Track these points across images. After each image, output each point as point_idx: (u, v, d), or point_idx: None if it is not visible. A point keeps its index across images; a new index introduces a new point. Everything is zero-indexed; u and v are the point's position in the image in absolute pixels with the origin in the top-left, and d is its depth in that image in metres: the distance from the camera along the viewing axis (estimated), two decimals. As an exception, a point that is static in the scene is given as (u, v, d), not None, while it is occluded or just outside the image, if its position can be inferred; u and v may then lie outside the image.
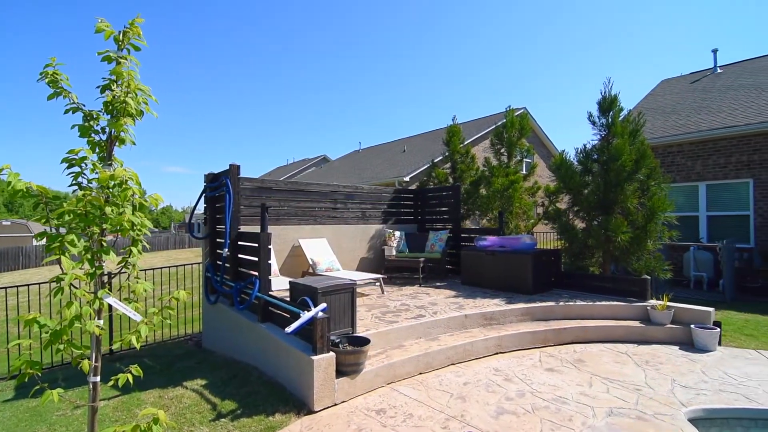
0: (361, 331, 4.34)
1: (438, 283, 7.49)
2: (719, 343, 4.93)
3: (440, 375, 4.16)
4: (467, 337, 4.76)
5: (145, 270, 7.32)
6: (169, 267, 7.91)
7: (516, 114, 10.59)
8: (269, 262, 4.73)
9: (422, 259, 7.35)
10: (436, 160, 11.80)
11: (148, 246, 2.09)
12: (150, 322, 2.07)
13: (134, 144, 2.03)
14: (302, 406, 3.52)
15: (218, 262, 5.73)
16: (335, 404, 3.55)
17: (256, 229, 6.04)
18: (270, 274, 4.82)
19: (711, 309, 5.20)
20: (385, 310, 5.38)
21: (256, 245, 4.68)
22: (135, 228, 1.90)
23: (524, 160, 11.98)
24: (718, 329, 4.92)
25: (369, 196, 8.52)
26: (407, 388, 3.84)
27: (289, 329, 3.64)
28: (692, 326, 4.97)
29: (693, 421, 3.23)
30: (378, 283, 6.63)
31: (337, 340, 3.86)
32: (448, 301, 5.91)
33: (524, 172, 10.93)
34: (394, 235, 8.24)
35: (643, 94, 14.47)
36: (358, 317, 4.83)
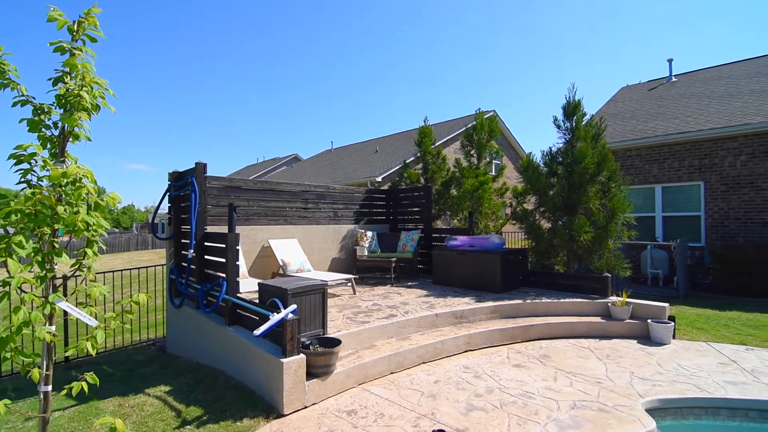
0: (332, 332, 4.30)
1: (410, 283, 7.53)
2: (673, 337, 5.21)
3: (411, 374, 4.19)
4: (438, 336, 4.82)
5: (104, 272, 6.98)
6: (130, 269, 7.57)
7: (486, 116, 10.82)
8: (237, 263, 4.61)
9: (394, 259, 7.37)
10: (408, 161, 11.88)
11: (104, 247, 1.99)
12: (107, 327, 1.97)
13: (89, 140, 1.93)
14: (271, 410, 3.45)
15: (183, 264, 5.53)
16: (305, 407, 3.51)
17: (224, 229, 5.89)
18: (238, 276, 4.70)
19: (666, 304, 5.49)
20: (357, 311, 5.36)
21: (224, 246, 4.55)
22: (90, 228, 1.80)
23: (493, 161, 12.28)
24: (673, 323, 5.21)
25: (341, 196, 8.47)
26: (379, 388, 3.84)
27: (257, 332, 3.56)
28: (649, 321, 5.23)
29: (650, 411, 3.40)
30: (350, 284, 6.60)
31: (308, 342, 3.81)
32: (419, 300, 5.96)
33: (493, 173, 11.19)
34: (366, 235, 8.23)
35: (605, 99, 15.13)
36: (330, 318, 4.79)
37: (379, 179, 16.27)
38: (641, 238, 9.86)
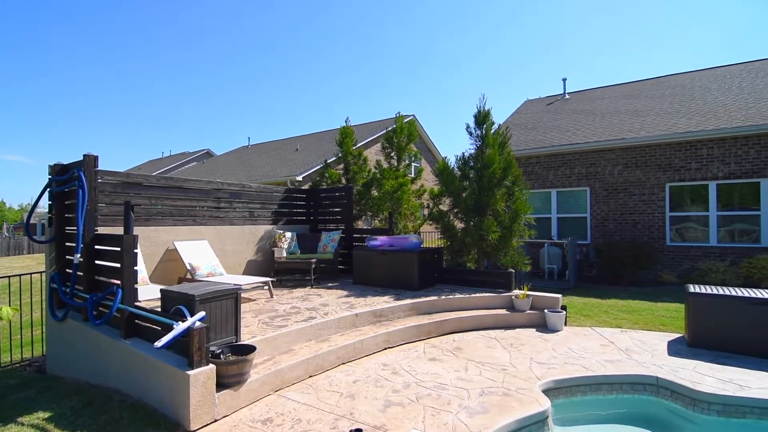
0: (246, 339, 4.08)
1: (330, 284, 7.46)
2: (565, 324, 5.87)
3: (331, 376, 4.14)
4: (358, 336, 4.83)
5: (-41, 283, 5.83)
6: (-3, 278, 6.39)
7: (405, 120, 11.16)
8: (135, 268, 4.14)
9: (314, 260, 7.25)
10: (329, 161, 11.78)
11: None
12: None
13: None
14: (176, 428, 3.16)
15: (68, 271, 4.83)
16: (215, 420, 3.27)
17: (120, 230, 5.28)
18: (136, 282, 4.23)
19: (559, 295, 6.17)
20: (274, 315, 5.16)
21: (119, 249, 4.06)
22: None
23: (412, 164, 12.71)
24: (564, 312, 5.87)
25: (258, 195, 8.10)
26: (296, 393, 3.74)
27: (159, 343, 3.23)
28: (545, 311, 5.83)
29: (545, 391, 3.78)
30: (266, 287, 6.33)
31: (218, 351, 3.57)
32: (339, 301, 5.93)
33: (412, 175, 11.59)
34: (284, 236, 7.97)
35: (511, 110, 16.59)
36: (244, 324, 4.56)
37: (300, 178, 15.90)
38: (539, 236, 10.98)
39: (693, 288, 5.10)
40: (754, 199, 9.17)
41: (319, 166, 13.84)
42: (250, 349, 3.65)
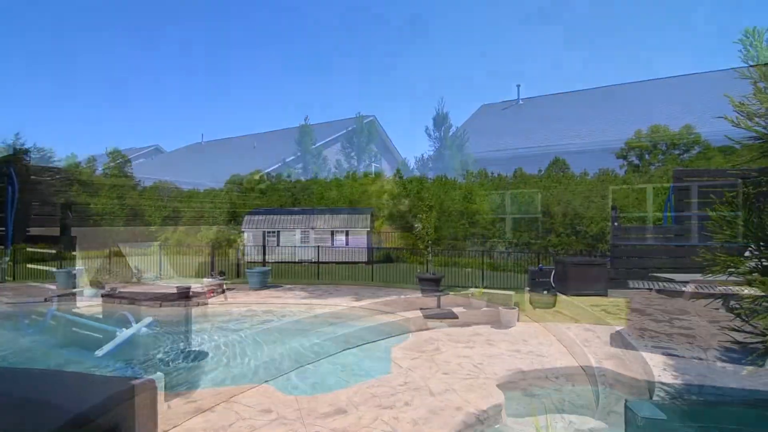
0: (199, 344, 3.91)
1: (290, 285, 7.32)
2: (518, 320, 6.12)
3: (290, 377, 4.06)
4: (320, 336, 4.78)
5: None
6: None
7: (366, 121, 11.20)
8: (74, 272, 3.86)
9: (275, 262, 7.07)
10: (287, 159, 11.58)
11: None
12: None
13: None
14: (119, 441, 2.96)
15: (-5, 276, 4.42)
16: None
17: (57, 231, 4.90)
18: (77, 287, 3.94)
19: (512, 292, 6.42)
20: (228, 318, 4.98)
21: (55, 252, 3.76)
22: None
23: (372, 164, 12.75)
24: (517, 309, 6.11)
25: (209, 195, 7.80)
26: (251, 399, 3.63)
27: (101, 352, 3.03)
28: (500, 308, 6.04)
29: (500, 385, 3.92)
30: (222, 290, 6.10)
31: (168, 358, 3.40)
32: (302, 302, 5.83)
33: (372, 175, 11.61)
34: (242, 236, 7.72)
35: (469, 113, 17.08)
36: (196, 328, 4.36)
37: (257, 177, 15.45)
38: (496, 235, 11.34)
39: (632, 284, 5.49)
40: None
41: (277, 165, 13.56)
42: (203, 355, 3.50)
